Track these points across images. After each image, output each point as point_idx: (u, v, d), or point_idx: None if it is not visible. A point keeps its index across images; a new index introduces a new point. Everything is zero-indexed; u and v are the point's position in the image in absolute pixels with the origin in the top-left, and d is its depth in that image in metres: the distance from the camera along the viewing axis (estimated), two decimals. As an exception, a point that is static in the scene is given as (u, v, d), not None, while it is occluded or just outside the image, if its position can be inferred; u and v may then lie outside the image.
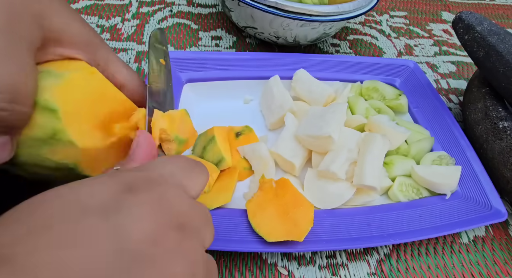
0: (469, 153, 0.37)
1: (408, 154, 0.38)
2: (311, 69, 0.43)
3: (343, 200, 0.32)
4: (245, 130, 0.37)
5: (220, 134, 0.35)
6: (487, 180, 0.35)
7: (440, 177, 0.34)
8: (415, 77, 0.46)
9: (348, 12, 0.43)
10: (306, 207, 0.29)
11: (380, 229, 0.31)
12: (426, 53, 0.57)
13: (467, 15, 0.38)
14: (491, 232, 0.36)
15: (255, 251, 0.28)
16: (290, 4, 0.40)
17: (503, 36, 0.36)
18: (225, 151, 0.34)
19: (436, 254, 0.33)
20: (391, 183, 0.35)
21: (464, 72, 0.55)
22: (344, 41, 0.57)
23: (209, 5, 0.59)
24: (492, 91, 0.38)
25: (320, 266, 0.31)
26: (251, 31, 0.49)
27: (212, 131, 0.35)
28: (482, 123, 0.37)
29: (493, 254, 0.34)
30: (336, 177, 0.32)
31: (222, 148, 0.34)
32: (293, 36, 0.47)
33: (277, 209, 0.30)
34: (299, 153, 0.35)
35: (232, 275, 0.30)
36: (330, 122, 0.33)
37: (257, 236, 0.28)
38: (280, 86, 0.40)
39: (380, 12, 0.64)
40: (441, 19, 0.65)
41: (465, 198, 0.34)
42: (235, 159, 0.35)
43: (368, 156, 0.33)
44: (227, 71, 0.42)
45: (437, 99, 0.43)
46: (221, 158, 0.33)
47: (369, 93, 0.44)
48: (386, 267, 0.32)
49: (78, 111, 0.19)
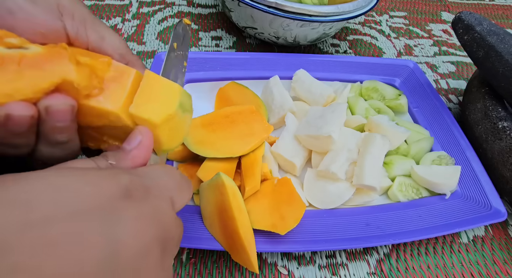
0: (468, 152, 0.37)
1: (408, 154, 0.38)
2: (311, 70, 0.44)
3: (343, 200, 0.32)
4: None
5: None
6: (487, 180, 0.35)
7: (440, 177, 0.34)
8: (415, 77, 0.46)
9: (348, 12, 0.43)
10: (297, 206, 0.29)
11: (379, 229, 0.31)
12: (426, 53, 0.57)
13: (467, 15, 0.38)
14: (491, 231, 0.36)
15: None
16: (290, 5, 0.41)
17: (503, 37, 0.36)
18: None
19: (436, 253, 0.33)
20: (390, 183, 0.35)
21: (464, 73, 0.55)
22: (344, 42, 0.57)
23: (209, 5, 0.59)
24: (492, 92, 0.39)
25: (320, 266, 0.31)
26: (251, 32, 0.49)
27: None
28: (482, 123, 0.37)
29: (493, 254, 0.34)
30: (336, 177, 0.32)
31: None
32: (293, 36, 0.47)
33: (270, 202, 0.30)
34: (300, 153, 0.35)
35: (232, 275, 0.30)
36: (330, 122, 0.33)
37: (257, 236, 0.29)
38: (280, 87, 0.40)
39: (380, 12, 0.64)
40: (441, 19, 0.65)
41: (465, 198, 0.34)
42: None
43: (368, 156, 0.33)
44: (227, 71, 0.42)
45: (437, 99, 0.43)
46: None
47: (369, 93, 0.44)
48: (386, 266, 0.32)
49: None
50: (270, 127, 0.35)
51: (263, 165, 0.33)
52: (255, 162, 0.32)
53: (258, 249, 0.28)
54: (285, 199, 0.30)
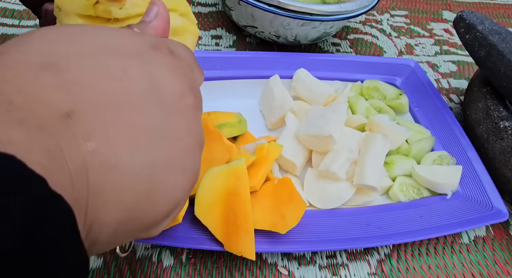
0: (470, 152, 0.37)
1: (409, 154, 0.37)
2: (312, 69, 0.43)
3: (343, 200, 0.32)
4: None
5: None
6: (488, 179, 0.35)
7: (441, 176, 0.34)
8: (416, 76, 0.45)
9: (349, 11, 0.43)
10: (298, 205, 0.29)
11: (380, 229, 0.31)
12: (427, 53, 0.57)
13: (468, 14, 0.38)
14: (492, 232, 0.36)
15: (256, 250, 0.28)
16: (291, 3, 0.40)
17: (504, 36, 0.36)
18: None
19: (437, 254, 0.33)
20: (391, 183, 0.35)
21: (465, 72, 0.54)
22: (344, 41, 0.56)
23: (209, 4, 0.59)
24: (493, 91, 0.38)
25: (320, 266, 0.31)
26: (251, 30, 0.49)
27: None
28: (483, 123, 0.37)
29: (494, 254, 0.34)
30: (336, 177, 0.32)
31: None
32: (293, 35, 0.47)
33: (270, 202, 0.30)
34: (300, 153, 0.35)
35: (232, 275, 0.30)
36: (330, 122, 0.33)
37: (257, 236, 0.28)
38: (280, 86, 0.40)
39: (381, 11, 0.64)
40: (442, 18, 0.65)
41: (466, 198, 0.34)
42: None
43: (368, 156, 0.32)
44: (227, 70, 0.42)
45: (438, 99, 0.43)
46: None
47: (370, 92, 0.44)
48: (387, 267, 0.32)
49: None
50: (231, 146, 0.32)
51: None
52: (264, 164, 0.32)
53: (258, 250, 0.28)
54: (285, 199, 0.30)
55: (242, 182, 0.29)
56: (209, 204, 0.29)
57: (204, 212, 0.29)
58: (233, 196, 0.28)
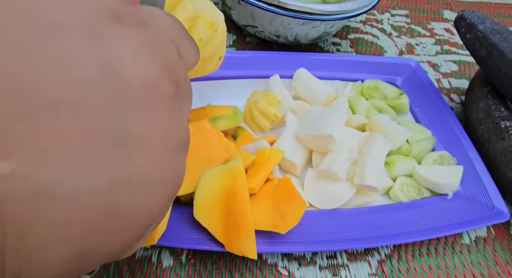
0: (471, 152, 0.37)
1: (410, 154, 0.37)
2: (312, 68, 0.43)
3: (343, 200, 0.32)
4: (238, 131, 0.37)
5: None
6: (489, 180, 0.35)
7: (442, 177, 0.34)
8: (417, 76, 0.45)
9: (349, 11, 0.43)
10: (298, 205, 0.29)
11: (381, 230, 0.31)
12: (428, 52, 0.56)
13: (469, 14, 0.38)
14: (493, 232, 0.36)
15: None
16: (291, 2, 0.40)
17: (506, 35, 0.36)
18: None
19: (438, 254, 0.33)
20: (392, 183, 0.35)
21: (466, 72, 0.54)
22: (345, 40, 0.56)
23: (209, 3, 0.59)
24: (494, 91, 0.38)
25: (320, 267, 0.31)
26: (251, 30, 0.49)
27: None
28: (484, 123, 0.37)
29: (495, 255, 0.34)
30: (336, 177, 0.32)
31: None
32: (293, 35, 0.46)
33: (270, 203, 0.30)
34: (300, 153, 0.35)
35: (232, 276, 0.30)
36: (330, 122, 0.33)
37: (257, 237, 0.28)
38: (281, 86, 0.40)
39: (381, 10, 0.64)
40: (443, 18, 0.65)
41: (467, 198, 0.34)
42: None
43: (369, 156, 0.32)
44: (227, 70, 0.42)
45: (439, 99, 0.43)
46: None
47: (370, 92, 0.43)
48: (387, 267, 0.32)
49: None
50: (229, 144, 0.32)
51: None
52: (264, 167, 0.32)
53: (259, 250, 0.28)
54: (285, 199, 0.30)
55: (240, 181, 0.29)
56: (208, 206, 0.29)
57: (203, 214, 0.29)
58: (232, 196, 0.28)
